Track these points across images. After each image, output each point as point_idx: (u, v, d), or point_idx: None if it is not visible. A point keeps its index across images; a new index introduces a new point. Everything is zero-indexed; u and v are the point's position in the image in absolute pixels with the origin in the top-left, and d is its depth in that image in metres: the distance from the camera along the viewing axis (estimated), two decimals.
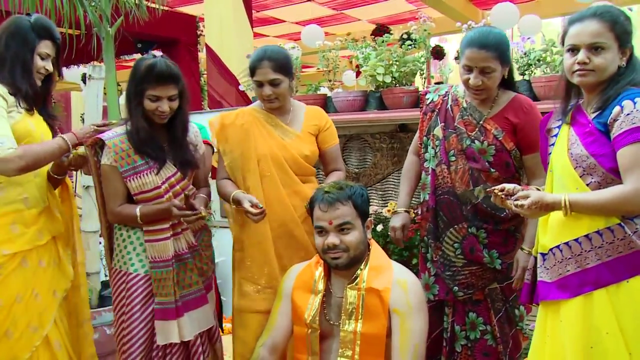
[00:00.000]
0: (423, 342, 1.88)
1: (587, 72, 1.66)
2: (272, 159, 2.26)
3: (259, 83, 2.25)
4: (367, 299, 1.90)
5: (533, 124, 2.04)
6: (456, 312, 2.19)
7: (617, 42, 1.65)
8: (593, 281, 1.62)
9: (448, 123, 2.17)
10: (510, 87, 2.16)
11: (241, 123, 2.31)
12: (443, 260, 2.18)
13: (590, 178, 1.65)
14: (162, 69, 2.04)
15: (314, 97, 3.56)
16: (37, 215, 2.10)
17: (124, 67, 9.56)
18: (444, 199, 2.16)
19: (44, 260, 2.12)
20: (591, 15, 1.66)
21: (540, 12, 5.87)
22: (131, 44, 6.21)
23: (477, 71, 2.00)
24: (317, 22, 7.35)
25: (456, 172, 2.12)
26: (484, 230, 2.12)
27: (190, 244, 2.18)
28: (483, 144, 2.08)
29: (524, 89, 2.95)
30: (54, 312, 2.12)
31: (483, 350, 2.16)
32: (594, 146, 1.64)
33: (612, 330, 1.58)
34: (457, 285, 2.16)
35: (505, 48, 2.02)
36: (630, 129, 1.56)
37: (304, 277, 2.04)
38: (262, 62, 2.21)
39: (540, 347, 1.76)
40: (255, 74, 2.24)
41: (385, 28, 4.20)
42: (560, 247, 1.69)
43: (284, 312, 2.04)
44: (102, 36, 3.74)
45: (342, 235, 1.91)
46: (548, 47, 2.93)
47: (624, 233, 1.59)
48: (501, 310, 2.16)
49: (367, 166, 3.48)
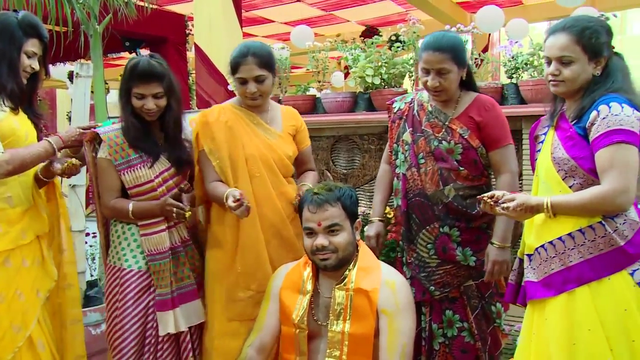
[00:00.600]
0: (411, 342, 1.90)
1: (557, 83, 1.77)
2: (261, 159, 2.22)
3: (243, 80, 2.19)
4: (355, 299, 1.91)
5: (495, 120, 2.16)
6: (433, 310, 2.24)
7: (586, 54, 1.72)
8: (575, 278, 1.68)
9: (416, 127, 2.25)
10: (472, 88, 2.25)
11: (225, 120, 2.22)
12: (418, 262, 2.24)
13: (572, 180, 1.72)
14: (144, 68, 2.14)
15: (303, 97, 3.56)
16: (21, 215, 2.08)
17: (112, 66, 9.51)
18: (415, 202, 2.22)
19: (27, 260, 2.10)
20: (560, 29, 1.76)
21: (526, 16, 5.92)
22: (119, 42, 6.15)
23: (434, 73, 2.10)
24: (307, 23, 7.35)
25: (426, 173, 2.19)
26: (456, 229, 2.18)
27: (182, 238, 2.26)
28: (450, 144, 2.16)
29: (511, 92, 2.98)
30: (37, 312, 2.10)
31: (461, 347, 2.21)
32: (574, 149, 1.72)
33: (593, 327, 1.63)
34: (433, 285, 2.21)
35: (459, 50, 2.13)
36: (605, 132, 1.64)
37: (292, 277, 2.05)
38: (246, 59, 2.16)
39: (526, 346, 1.80)
40: (239, 70, 2.18)
41: (375, 30, 4.23)
42: (545, 246, 1.75)
43: (272, 312, 2.04)
44: (89, 34, 3.71)
45: (330, 237, 1.92)
46: (535, 51, 2.95)
47: (605, 231, 1.66)
48: (477, 307, 2.22)
49: (356, 167, 3.49)
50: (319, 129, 3.56)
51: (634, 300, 1.63)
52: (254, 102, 2.23)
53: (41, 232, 2.17)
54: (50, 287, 2.19)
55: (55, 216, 2.31)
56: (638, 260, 1.65)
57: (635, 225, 1.66)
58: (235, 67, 2.19)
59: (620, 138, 1.62)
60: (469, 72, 2.21)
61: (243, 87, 2.19)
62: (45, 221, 2.19)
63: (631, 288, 1.64)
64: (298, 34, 5.75)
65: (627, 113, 1.64)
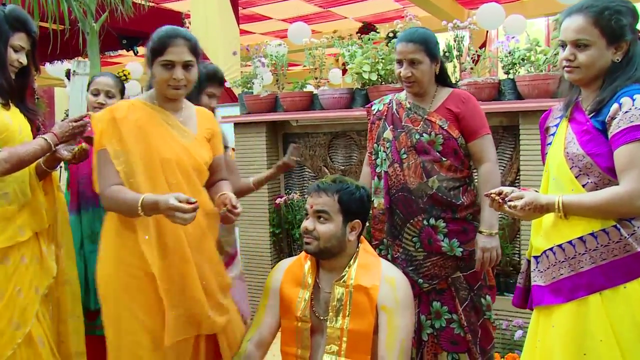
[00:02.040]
0: (409, 338, 1.90)
1: (572, 69, 1.61)
2: (178, 164, 1.92)
3: (169, 64, 1.87)
4: (354, 296, 1.91)
5: (472, 112, 2.22)
6: (421, 302, 2.26)
7: (605, 37, 1.56)
8: (586, 285, 1.55)
9: (396, 124, 2.29)
10: (447, 84, 2.31)
11: (135, 119, 1.90)
12: (405, 257, 2.26)
13: (586, 179, 1.58)
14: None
15: (300, 94, 3.56)
16: (19, 211, 2.07)
17: (110, 63, 9.52)
18: (399, 197, 2.25)
19: (26, 257, 2.09)
20: (577, 9, 1.60)
21: (525, 12, 5.93)
22: (116, 40, 6.17)
23: (407, 63, 2.18)
24: (304, 20, 7.35)
25: (409, 167, 2.22)
26: (442, 220, 2.20)
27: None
28: (431, 135, 2.21)
29: (508, 87, 2.99)
30: (36, 309, 2.09)
31: (450, 339, 2.23)
32: (590, 145, 1.58)
33: (606, 337, 1.51)
34: (422, 277, 2.23)
35: (431, 43, 2.20)
36: (628, 127, 1.49)
37: (292, 270, 2.05)
38: (176, 39, 1.87)
39: (530, 352, 1.71)
40: (166, 52, 1.87)
41: (372, 26, 4.23)
42: (553, 250, 1.63)
43: (271, 307, 2.04)
44: (86, 32, 3.72)
45: (317, 223, 1.95)
46: (532, 46, 2.95)
47: (620, 235, 1.52)
48: (467, 299, 2.24)
49: (353, 163, 3.49)
50: (317, 125, 3.57)
51: None
52: (177, 93, 1.93)
53: (40, 228, 2.16)
54: (48, 283, 2.18)
55: (53, 211, 2.31)
56: None
57: None
58: (160, 49, 1.87)
59: None
60: (442, 67, 2.28)
61: (168, 73, 1.87)
62: (43, 217, 2.18)
63: None
64: (295, 30, 5.74)
65: None
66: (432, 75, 2.24)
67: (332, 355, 1.91)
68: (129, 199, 1.79)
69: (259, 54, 3.70)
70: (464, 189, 2.23)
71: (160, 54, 1.87)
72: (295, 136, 3.64)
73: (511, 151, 3.06)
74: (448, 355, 2.25)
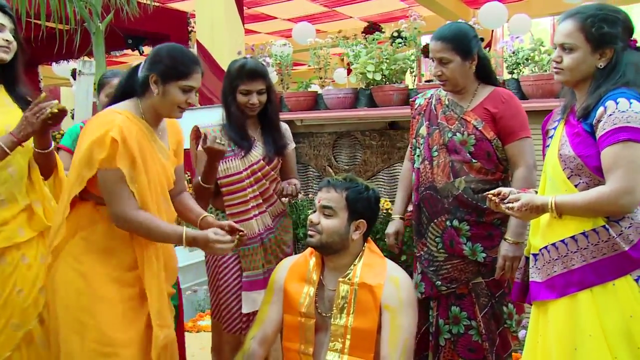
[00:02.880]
0: (412, 337, 1.91)
1: (559, 71, 1.71)
2: (160, 185, 1.91)
3: (190, 89, 1.87)
4: (359, 294, 1.92)
5: (512, 112, 2.14)
6: (440, 306, 2.22)
7: (589, 43, 1.65)
8: (577, 282, 1.62)
9: (432, 121, 2.25)
10: (490, 82, 2.23)
11: (136, 138, 1.83)
12: (427, 256, 2.23)
13: (578, 179, 1.66)
14: (251, 67, 2.37)
15: (305, 94, 3.57)
16: (16, 214, 2.04)
17: (115, 63, 9.54)
18: (426, 195, 2.22)
19: (27, 257, 2.06)
20: (570, 14, 1.69)
21: (529, 11, 5.92)
22: (122, 40, 6.19)
23: (437, 62, 2.14)
24: (309, 20, 7.35)
25: (438, 166, 2.18)
26: (466, 223, 2.15)
27: (267, 227, 2.46)
28: (464, 135, 2.15)
29: (512, 87, 2.98)
30: (39, 309, 2.07)
31: (468, 345, 2.18)
32: (580, 147, 1.65)
33: (595, 332, 1.58)
34: (440, 279, 2.19)
35: (462, 40, 2.11)
36: (612, 130, 1.56)
37: (297, 267, 2.07)
38: (197, 67, 1.89)
39: (532, 347, 1.76)
40: (191, 78, 1.86)
41: (377, 26, 4.22)
42: (548, 248, 1.70)
43: (275, 304, 2.05)
44: (92, 31, 3.73)
45: (322, 217, 1.97)
46: (536, 46, 2.95)
47: (609, 235, 1.60)
48: (487, 306, 2.18)
49: (357, 163, 3.50)
50: (321, 125, 3.57)
51: (639, 307, 1.56)
52: (180, 115, 1.94)
53: (42, 228, 2.12)
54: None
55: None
56: None
57: None
58: (186, 73, 1.85)
59: (627, 136, 1.53)
60: (483, 64, 2.18)
61: (185, 96, 1.86)
62: (42, 218, 2.16)
63: (636, 294, 1.57)
64: (300, 30, 5.76)
65: (635, 109, 1.55)
66: (468, 73, 2.15)
67: (336, 352, 1.92)
68: (170, 232, 1.83)
69: (264, 54, 3.71)
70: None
71: (184, 78, 1.85)
72: (299, 136, 3.64)
73: None
74: None
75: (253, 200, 2.43)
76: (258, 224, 2.44)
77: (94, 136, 1.77)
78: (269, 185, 2.47)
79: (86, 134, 1.83)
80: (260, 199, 2.45)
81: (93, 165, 1.78)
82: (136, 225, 1.81)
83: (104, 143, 1.76)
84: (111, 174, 1.79)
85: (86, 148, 1.78)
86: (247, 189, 2.42)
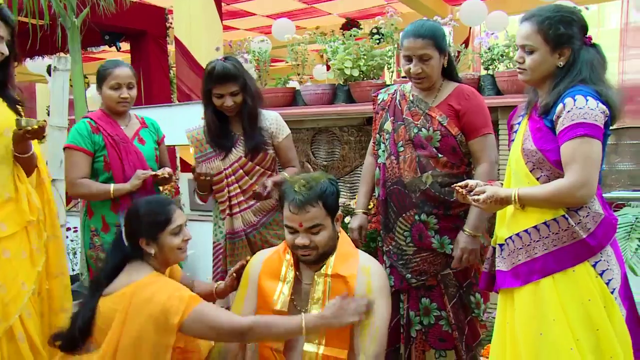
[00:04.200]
0: (384, 326, 1.92)
1: (521, 71, 1.78)
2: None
3: (179, 229, 2.02)
4: (333, 285, 1.93)
5: (475, 109, 2.18)
6: (410, 298, 2.27)
7: (547, 44, 1.71)
8: (540, 269, 1.71)
9: (397, 116, 2.27)
10: (453, 78, 2.27)
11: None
12: (396, 250, 2.26)
13: (539, 172, 1.73)
14: (220, 70, 2.38)
15: (283, 90, 3.57)
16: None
17: (93, 59, 9.41)
18: (393, 190, 2.25)
19: (9, 251, 2.05)
20: (525, 18, 1.76)
21: (507, 9, 5.97)
22: (99, 36, 6.11)
23: (416, 59, 2.13)
24: (288, 16, 7.34)
25: (404, 161, 2.21)
26: (434, 216, 2.19)
27: (250, 223, 2.50)
28: (429, 131, 2.18)
29: (487, 83, 3.02)
30: (21, 304, 2.06)
31: (438, 335, 2.24)
32: (541, 141, 1.72)
33: (558, 317, 1.66)
34: (410, 272, 2.23)
35: (439, 36, 2.14)
36: (570, 125, 1.64)
37: (271, 263, 2.06)
38: (173, 206, 2.04)
39: (501, 334, 1.83)
40: (173, 220, 2.00)
41: (355, 22, 4.24)
42: (512, 238, 1.78)
43: (250, 299, 2.05)
44: (67, 27, 3.68)
45: (312, 236, 1.91)
46: (511, 42, 2.99)
47: (568, 224, 1.68)
48: (455, 296, 2.24)
49: (335, 159, 3.51)
50: (299, 121, 3.58)
51: (596, 291, 1.65)
52: (182, 257, 2.09)
53: (25, 223, 2.11)
54: (37, 278, 2.16)
55: (43, 203, 2.27)
56: (599, 251, 1.67)
57: (598, 217, 1.68)
58: (168, 219, 2.00)
59: (583, 131, 1.61)
60: (450, 60, 2.22)
61: (180, 236, 2.00)
62: (26, 212, 2.14)
63: (594, 279, 1.66)
64: (279, 27, 5.75)
65: (591, 106, 1.63)
66: (440, 69, 2.19)
67: (313, 344, 1.93)
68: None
69: (242, 50, 3.70)
70: None
71: (169, 223, 1.97)
72: None
73: None
74: (435, 353, 2.26)
75: (234, 199, 2.48)
76: (240, 221, 2.49)
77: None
78: (254, 181, 2.49)
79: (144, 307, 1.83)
80: (241, 197, 2.49)
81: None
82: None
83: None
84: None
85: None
86: (225, 189, 2.49)
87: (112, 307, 1.85)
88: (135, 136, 2.60)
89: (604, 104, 1.65)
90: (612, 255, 1.70)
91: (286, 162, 2.62)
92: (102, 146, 2.49)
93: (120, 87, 2.50)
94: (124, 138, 2.54)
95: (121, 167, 2.50)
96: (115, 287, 1.90)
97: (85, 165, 2.47)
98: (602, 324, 1.64)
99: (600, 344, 1.64)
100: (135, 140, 2.59)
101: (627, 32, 7.20)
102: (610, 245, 1.70)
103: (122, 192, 2.46)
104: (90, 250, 2.55)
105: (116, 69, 2.50)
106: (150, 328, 1.78)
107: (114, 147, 2.50)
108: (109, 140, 2.50)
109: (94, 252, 2.53)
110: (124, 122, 2.60)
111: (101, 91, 2.55)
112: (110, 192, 2.45)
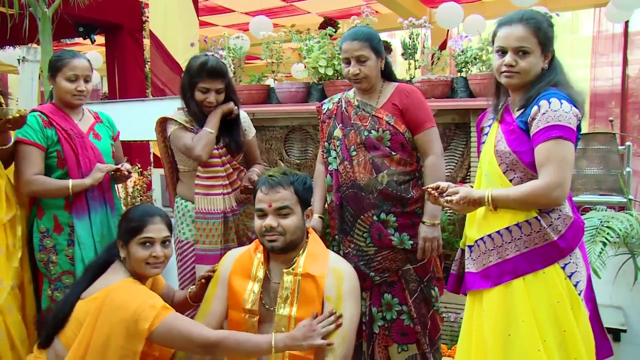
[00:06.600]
0: (352, 328, 1.93)
1: (513, 74, 1.76)
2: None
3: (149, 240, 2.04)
4: (302, 284, 1.94)
5: (416, 104, 2.27)
6: (372, 295, 2.31)
7: (540, 47, 1.74)
8: (511, 271, 1.72)
9: (345, 122, 2.35)
10: (393, 79, 2.38)
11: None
12: (356, 252, 2.31)
13: (513, 174, 1.75)
14: (213, 65, 2.40)
15: (257, 87, 3.56)
16: None
17: None
18: (349, 194, 2.30)
19: None
20: (518, 20, 1.75)
21: (484, 13, 6.04)
22: (72, 27, 6.00)
23: (354, 61, 2.25)
24: (267, 14, 7.32)
25: (359, 164, 2.28)
26: (392, 214, 2.25)
27: (231, 207, 2.52)
28: (379, 132, 2.26)
29: (461, 85, 3.05)
30: (0, 301, 2.05)
31: (401, 330, 2.29)
32: (515, 143, 1.75)
33: (527, 318, 1.67)
34: (373, 271, 2.29)
35: (375, 39, 2.26)
36: (544, 127, 1.66)
37: (241, 262, 2.06)
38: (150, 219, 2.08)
39: (467, 335, 1.85)
40: (146, 230, 2.06)
41: (332, 22, 4.24)
42: (484, 239, 1.79)
43: (219, 297, 2.05)
44: (38, 17, 3.61)
45: (280, 219, 1.95)
46: (484, 46, 3.02)
47: (540, 226, 1.69)
48: (416, 290, 2.30)
49: (309, 157, 3.51)
50: (273, 119, 3.57)
51: (565, 293, 1.68)
52: (155, 272, 2.10)
53: (4, 221, 2.09)
54: (14, 274, 2.12)
55: (20, 202, 2.26)
56: (569, 254, 1.70)
57: (569, 220, 1.71)
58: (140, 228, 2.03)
59: (557, 134, 1.64)
60: (387, 63, 2.34)
61: (149, 250, 2.01)
62: (3, 210, 2.10)
63: (563, 281, 1.69)
64: (257, 24, 5.74)
65: (565, 109, 1.65)
66: (379, 71, 2.29)
67: None
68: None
69: (217, 46, 3.67)
70: (414, 183, 2.28)
71: (140, 232, 2.00)
72: None
73: (463, 148, 3.12)
74: (398, 347, 2.30)
75: (222, 179, 2.51)
76: (224, 202, 2.50)
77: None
78: (232, 171, 2.56)
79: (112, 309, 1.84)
80: (227, 180, 2.53)
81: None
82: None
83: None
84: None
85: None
86: (219, 167, 2.50)
87: (85, 310, 1.86)
88: (91, 131, 2.47)
89: (576, 108, 1.68)
90: (580, 258, 1.73)
91: (253, 159, 2.71)
92: (55, 141, 2.34)
93: (77, 79, 2.37)
94: (79, 133, 2.40)
95: (77, 163, 2.34)
96: (91, 291, 1.91)
97: (39, 160, 2.30)
98: (569, 325, 1.66)
99: (566, 345, 1.66)
100: (91, 135, 2.46)
101: (598, 40, 7.35)
102: (578, 247, 1.72)
103: (82, 188, 2.32)
104: (40, 253, 2.34)
105: (74, 60, 2.37)
106: (120, 333, 1.78)
107: (68, 142, 2.35)
108: (62, 134, 2.34)
109: (45, 254, 2.34)
110: (77, 116, 2.47)
111: (54, 82, 2.39)
112: (68, 189, 2.29)
